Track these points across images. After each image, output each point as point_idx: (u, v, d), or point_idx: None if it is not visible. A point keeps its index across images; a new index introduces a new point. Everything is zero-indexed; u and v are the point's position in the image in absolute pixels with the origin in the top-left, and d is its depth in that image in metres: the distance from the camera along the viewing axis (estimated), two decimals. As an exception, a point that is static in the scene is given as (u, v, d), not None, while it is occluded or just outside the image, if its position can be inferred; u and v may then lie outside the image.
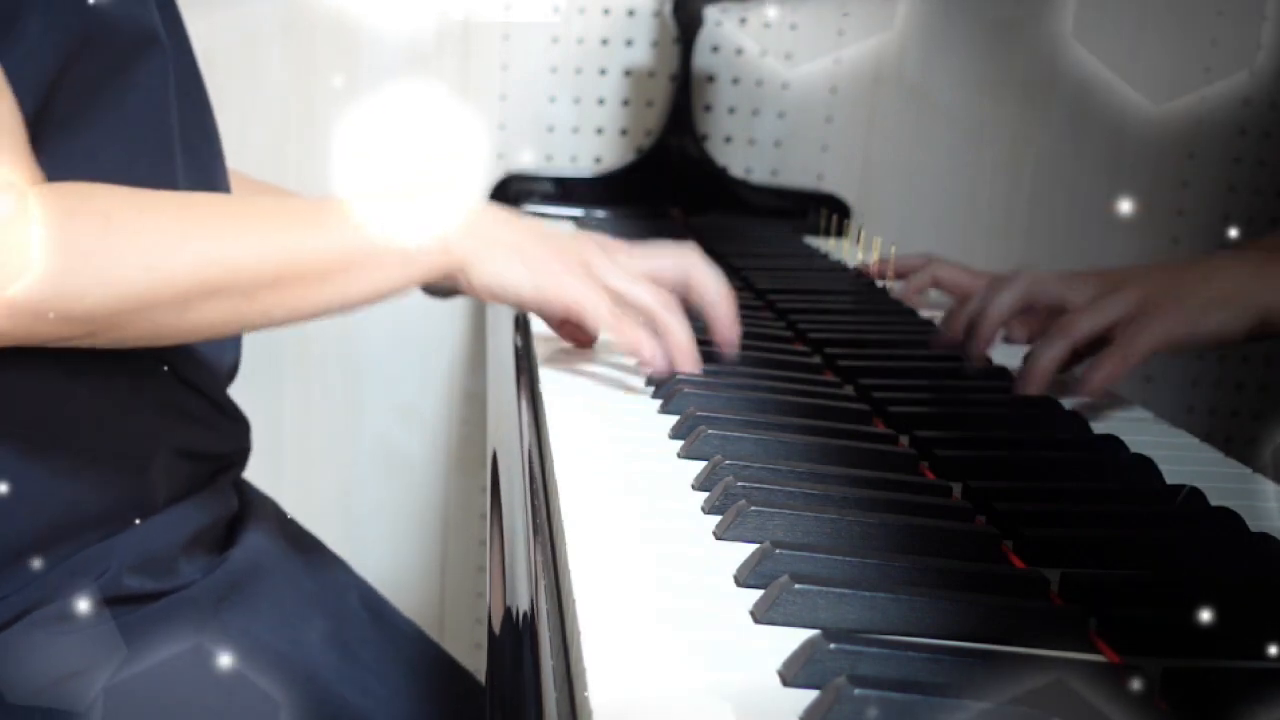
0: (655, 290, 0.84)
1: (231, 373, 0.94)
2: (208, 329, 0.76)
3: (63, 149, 0.74)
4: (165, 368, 0.85)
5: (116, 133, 0.77)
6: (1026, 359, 0.89)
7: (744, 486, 0.62)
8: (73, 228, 0.69)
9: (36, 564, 0.78)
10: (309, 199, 0.79)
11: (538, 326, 0.97)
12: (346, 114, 1.49)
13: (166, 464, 0.85)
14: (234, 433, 0.93)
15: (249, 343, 0.96)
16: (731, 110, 1.62)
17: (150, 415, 0.83)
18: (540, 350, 0.91)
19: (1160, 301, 0.88)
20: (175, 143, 0.83)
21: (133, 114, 0.79)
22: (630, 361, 0.87)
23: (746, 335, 0.92)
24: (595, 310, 0.81)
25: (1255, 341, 0.89)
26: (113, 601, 0.80)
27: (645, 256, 0.86)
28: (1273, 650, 0.52)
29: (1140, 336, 0.87)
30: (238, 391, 0.94)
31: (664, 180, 1.54)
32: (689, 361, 0.83)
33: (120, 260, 0.70)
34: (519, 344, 0.96)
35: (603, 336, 0.89)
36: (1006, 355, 0.96)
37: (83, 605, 0.79)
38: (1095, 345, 0.89)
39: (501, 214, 0.84)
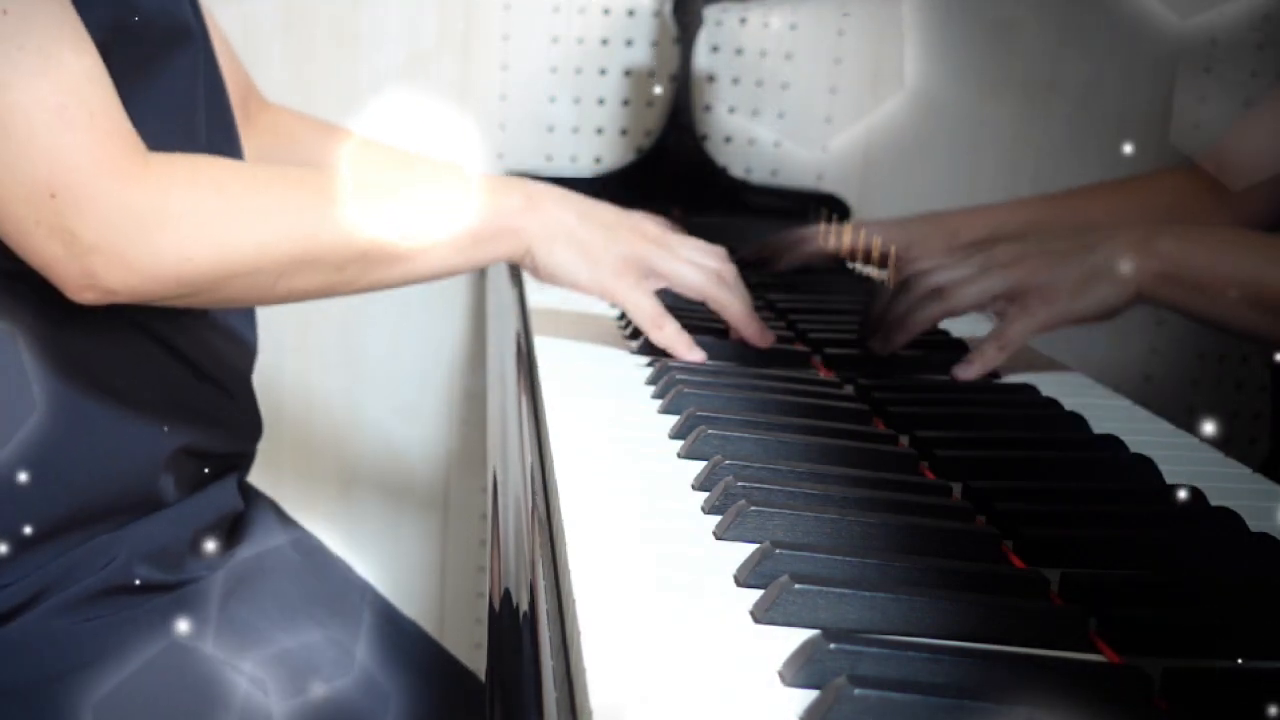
0: (707, 272, 0.89)
1: (252, 356, 0.95)
2: (299, 295, 0.82)
3: None
4: (184, 365, 0.86)
5: (147, 124, 0.78)
6: (902, 313, 0.91)
7: (744, 486, 0.62)
8: (193, 196, 0.74)
9: (47, 552, 0.79)
10: (402, 173, 0.87)
11: (538, 327, 0.97)
12: (346, 114, 1.49)
13: (177, 461, 0.85)
14: (245, 435, 0.94)
15: (249, 343, 0.97)
16: (731, 110, 1.62)
17: (164, 412, 0.84)
18: (541, 350, 0.91)
19: (1039, 280, 0.89)
20: (202, 136, 0.84)
21: (163, 106, 0.81)
22: (631, 362, 0.87)
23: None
24: (640, 310, 0.88)
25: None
26: (121, 591, 0.81)
27: (690, 255, 0.91)
28: (1273, 650, 0.52)
29: (1017, 324, 0.89)
30: (238, 391, 0.94)
31: (664, 180, 1.54)
32: (751, 331, 0.90)
33: (232, 228, 0.75)
34: (520, 344, 0.96)
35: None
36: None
37: (92, 594, 0.80)
38: None
39: (568, 201, 0.89)
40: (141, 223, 0.73)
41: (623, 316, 1.02)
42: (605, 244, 0.87)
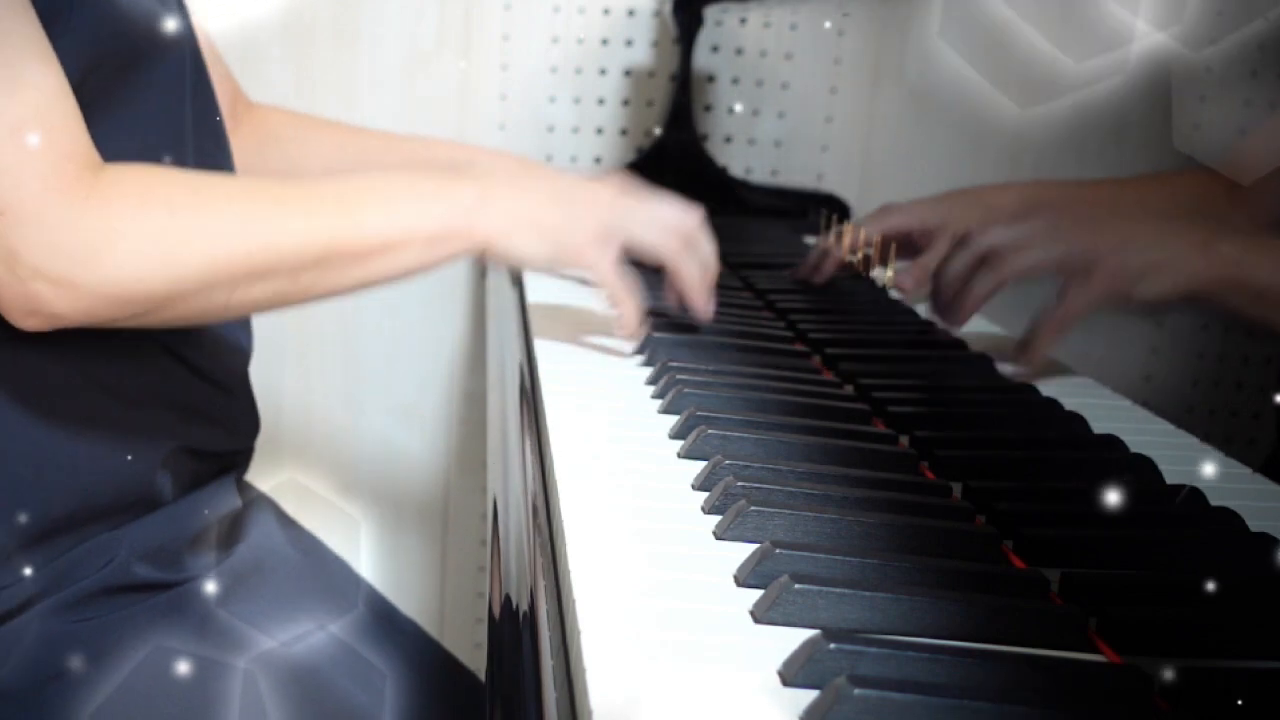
0: (670, 238, 0.90)
1: (247, 356, 0.95)
2: (251, 307, 0.80)
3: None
4: (182, 364, 0.86)
5: (132, 131, 0.78)
6: (956, 288, 0.89)
7: (744, 486, 0.62)
8: (141, 214, 0.72)
9: (46, 552, 0.79)
10: (352, 178, 0.84)
11: (538, 327, 0.97)
12: (346, 114, 1.49)
13: (176, 460, 0.85)
14: (242, 433, 0.94)
15: (249, 343, 0.97)
16: (731, 110, 1.62)
17: (163, 412, 0.84)
18: (540, 351, 0.91)
19: (1105, 256, 0.86)
20: (189, 142, 0.84)
21: (149, 112, 0.80)
22: (631, 362, 0.87)
23: (746, 335, 0.92)
24: (603, 277, 0.88)
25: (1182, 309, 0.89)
26: (120, 590, 0.81)
27: (654, 217, 0.91)
28: (1273, 650, 0.52)
29: (1079, 298, 0.85)
30: (238, 391, 0.94)
31: (664, 180, 1.52)
32: (696, 300, 0.91)
33: (182, 245, 0.74)
34: (520, 345, 0.96)
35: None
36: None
37: (91, 593, 0.80)
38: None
39: (525, 186, 0.88)
40: (88, 244, 0.71)
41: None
42: (566, 222, 0.87)
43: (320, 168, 1.19)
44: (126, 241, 0.72)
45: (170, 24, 0.81)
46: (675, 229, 0.90)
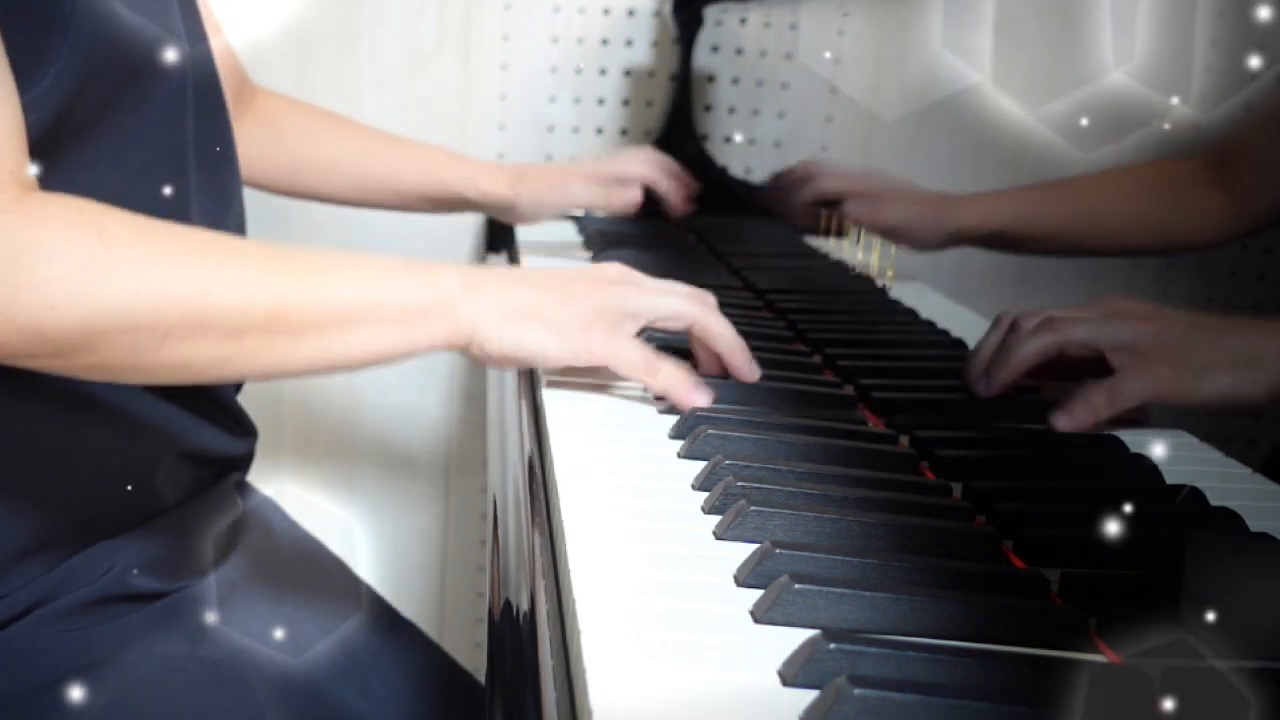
0: (687, 301, 0.81)
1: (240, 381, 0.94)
2: (189, 368, 0.70)
3: (76, 158, 0.73)
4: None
5: (132, 141, 0.77)
6: (1002, 347, 0.84)
7: (744, 486, 0.62)
8: (64, 235, 0.65)
9: (44, 561, 0.79)
10: (323, 250, 0.76)
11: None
12: (346, 114, 1.49)
13: (175, 467, 0.85)
14: (239, 439, 0.93)
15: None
16: (731, 110, 1.62)
17: (161, 419, 0.84)
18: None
19: (1170, 345, 0.81)
20: (190, 153, 0.83)
21: (148, 123, 0.78)
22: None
23: (746, 335, 0.92)
24: (627, 361, 0.78)
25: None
26: (118, 600, 0.81)
27: (665, 288, 0.82)
28: (1273, 651, 0.52)
29: (1134, 380, 0.81)
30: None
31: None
32: (740, 360, 0.81)
33: (105, 275, 0.65)
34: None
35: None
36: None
37: (90, 601, 0.80)
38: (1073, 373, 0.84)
39: (512, 276, 0.79)
40: (1, 262, 0.63)
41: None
42: (564, 304, 0.77)
43: (323, 161, 1.19)
44: (42, 261, 0.64)
45: (171, 37, 0.80)
46: (690, 293, 0.82)
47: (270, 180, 1.17)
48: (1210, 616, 0.53)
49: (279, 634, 0.87)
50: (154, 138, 0.79)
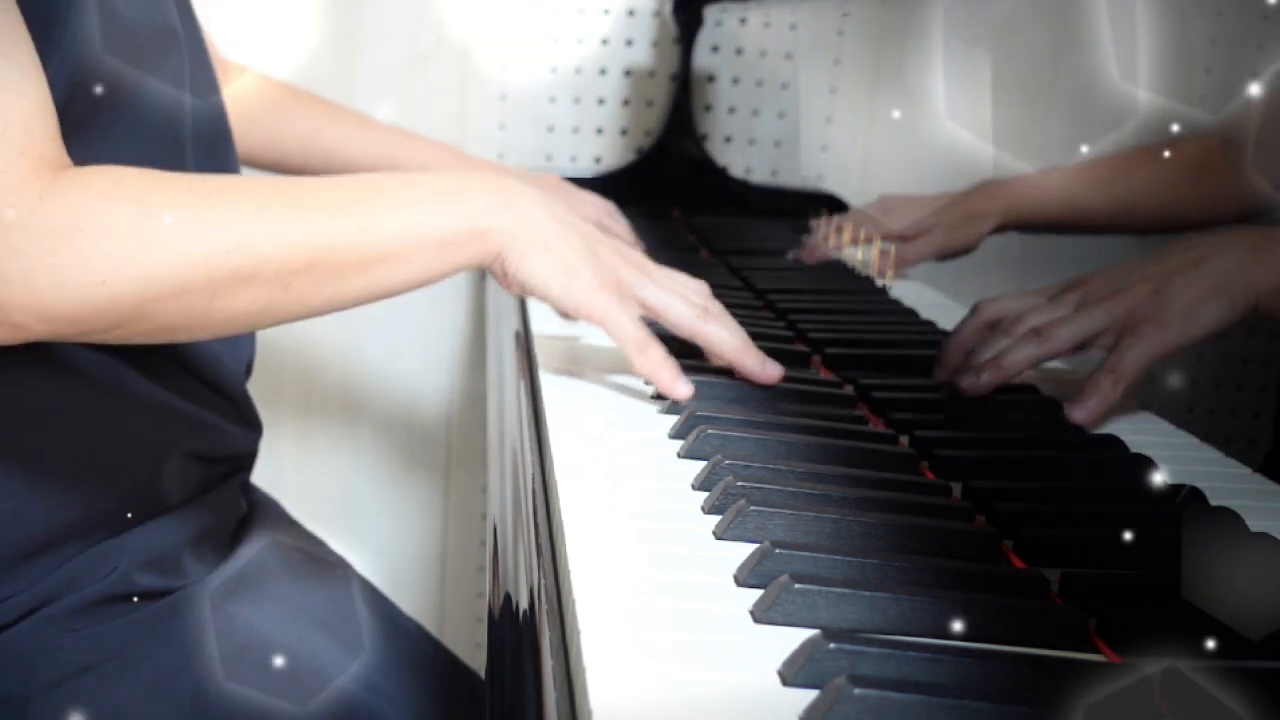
0: (696, 307, 0.81)
1: (248, 369, 0.94)
2: (241, 319, 0.72)
3: (76, 145, 0.74)
4: (185, 369, 0.85)
5: (131, 129, 0.77)
6: (996, 354, 0.85)
7: (744, 486, 0.62)
8: (107, 210, 0.66)
9: (49, 561, 0.79)
10: (352, 178, 0.77)
11: (538, 328, 0.97)
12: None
13: (179, 466, 0.85)
14: (246, 436, 0.93)
15: (249, 343, 0.97)
16: (731, 110, 1.62)
17: (165, 418, 0.84)
18: (541, 351, 0.91)
19: (1147, 306, 0.82)
20: (188, 139, 0.83)
21: (147, 110, 0.79)
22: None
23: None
24: (623, 331, 0.79)
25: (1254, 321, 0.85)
26: (123, 598, 0.81)
27: (676, 287, 0.83)
28: (1274, 651, 0.52)
29: (1131, 352, 0.82)
30: (238, 391, 0.94)
31: (664, 180, 1.54)
32: (751, 363, 0.82)
33: (152, 243, 0.66)
34: (520, 344, 0.96)
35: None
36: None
37: (94, 601, 0.80)
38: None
39: (543, 201, 0.80)
40: (46, 245, 0.64)
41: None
42: (583, 255, 0.78)
43: (295, 144, 1.19)
44: (89, 239, 0.65)
45: (169, 19, 0.80)
46: (697, 289, 0.83)
47: (254, 158, 1.17)
48: (1210, 616, 0.53)
49: (283, 630, 0.88)
50: (153, 124, 0.80)
